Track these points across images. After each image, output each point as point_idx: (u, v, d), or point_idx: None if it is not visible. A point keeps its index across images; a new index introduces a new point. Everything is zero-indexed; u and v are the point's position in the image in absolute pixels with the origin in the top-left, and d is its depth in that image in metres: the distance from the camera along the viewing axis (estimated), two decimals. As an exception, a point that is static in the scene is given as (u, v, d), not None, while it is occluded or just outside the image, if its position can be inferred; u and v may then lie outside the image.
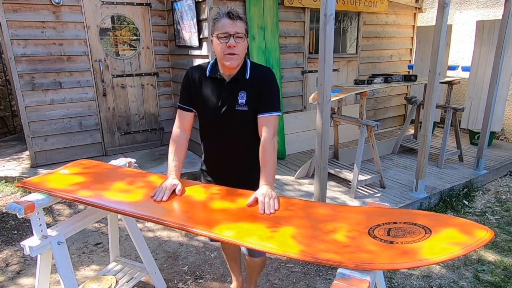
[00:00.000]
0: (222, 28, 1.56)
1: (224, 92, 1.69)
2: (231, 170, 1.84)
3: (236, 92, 1.68)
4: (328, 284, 2.46)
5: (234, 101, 1.68)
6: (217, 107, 1.70)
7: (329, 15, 2.41)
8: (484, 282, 2.48)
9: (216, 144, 1.81)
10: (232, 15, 1.55)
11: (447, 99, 4.36)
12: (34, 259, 2.67)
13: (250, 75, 1.68)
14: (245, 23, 1.61)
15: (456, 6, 5.79)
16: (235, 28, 1.56)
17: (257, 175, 1.69)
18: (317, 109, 2.65)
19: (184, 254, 2.83)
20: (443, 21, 2.95)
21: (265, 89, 1.68)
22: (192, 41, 4.18)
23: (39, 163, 4.36)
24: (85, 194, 1.66)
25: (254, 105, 1.69)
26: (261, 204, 1.49)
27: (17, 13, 3.94)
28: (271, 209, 1.46)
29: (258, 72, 1.71)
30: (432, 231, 1.22)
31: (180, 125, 1.80)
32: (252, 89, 1.68)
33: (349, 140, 5.17)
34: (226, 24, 1.55)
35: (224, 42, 1.56)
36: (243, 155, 1.81)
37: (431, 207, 3.51)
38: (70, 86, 4.38)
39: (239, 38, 1.57)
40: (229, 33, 1.55)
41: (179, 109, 1.80)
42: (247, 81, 1.68)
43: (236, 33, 1.56)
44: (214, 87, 1.70)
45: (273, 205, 1.48)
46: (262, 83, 1.68)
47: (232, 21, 1.55)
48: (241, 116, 1.69)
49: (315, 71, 4.79)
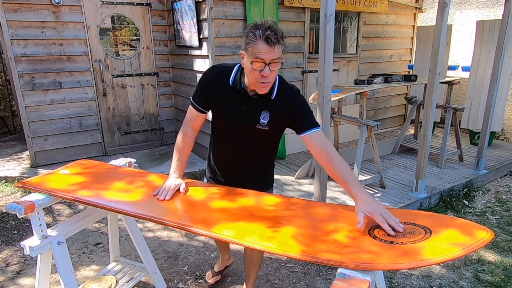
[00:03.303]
0: (257, 53, 1.38)
1: (246, 107, 1.59)
2: (239, 172, 1.80)
3: (259, 110, 1.57)
4: (328, 284, 2.46)
5: (255, 119, 1.58)
6: (237, 120, 1.61)
7: (329, 15, 2.41)
8: (484, 282, 2.48)
9: (228, 154, 1.76)
10: (271, 41, 1.35)
11: (447, 99, 4.36)
12: (34, 259, 2.67)
13: (276, 95, 1.57)
14: (284, 44, 1.42)
15: (456, 6, 5.79)
16: (272, 55, 1.38)
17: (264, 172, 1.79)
18: (317, 109, 2.64)
19: (184, 254, 2.83)
20: (443, 21, 2.95)
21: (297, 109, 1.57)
22: (192, 41, 4.18)
23: (39, 163, 4.36)
24: (85, 194, 1.66)
25: (275, 127, 1.61)
26: (384, 225, 1.25)
27: (17, 13, 3.94)
28: (399, 224, 1.25)
29: (286, 96, 1.58)
30: (433, 231, 1.22)
31: (190, 123, 1.75)
32: (276, 110, 1.57)
33: (349, 140, 5.18)
34: (263, 50, 1.37)
35: (258, 70, 1.41)
36: (255, 161, 1.77)
37: (431, 207, 3.51)
38: (70, 86, 4.38)
39: (275, 64, 1.41)
40: (265, 62, 1.39)
41: (192, 106, 1.71)
42: (272, 101, 1.57)
43: (273, 60, 1.39)
44: (236, 98, 1.59)
45: (396, 219, 1.26)
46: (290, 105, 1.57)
47: (271, 48, 1.36)
48: (260, 134, 1.62)
49: (315, 71, 4.79)
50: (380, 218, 1.26)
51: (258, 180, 1.84)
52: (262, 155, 1.79)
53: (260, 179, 1.85)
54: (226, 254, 2.44)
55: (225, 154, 1.80)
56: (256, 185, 1.73)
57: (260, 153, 1.76)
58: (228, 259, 2.48)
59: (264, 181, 1.89)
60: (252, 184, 1.74)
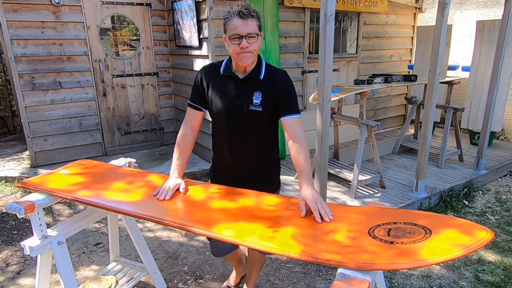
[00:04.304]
0: (233, 29, 1.52)
1: (238, 90, 1.67)
2: (243, 167, 1.80)
3: (251, 92, 1.66)
4: (328, 284, 2.46)
5: (248, 100, 1.66)
6: (231, 104, 1.68)
7: (329, 15, 2.41)
8: (484, 282, 2.48)
9: (229, 143, 1.77)
10: (243, 14, 1.50)
11: (447, 99, 4.36)
12: (34, 259, 2.67)
13: (265, 76, 1.66)
14: (258, 19, 1.55)
15: (456, 6, 5.79)
16: (247, 28, 1.51)
17: (270, 171, 1.82)
18: (317, 109, 2.64)
19: (184, 254, 2.83)
20: (443, 21, 2.95)
21: (284, 94, 1.67)
22: (192, 41, 4.18)
23: (39, 163, 4.36)
24: (85, 194, 1.66)
25: (268, 107, 1.66)
26: (315, 211, 1.40)
27: (17, 13, 3.94)
28: (329, 215, 1.39)
29: (274, 74, 1.68)
30: (433, 231, 1.22)
31: (188, 123, 1.79)
32: (267, 90, 1.65)
33: (349, 140, 5.17)
34: (238, 24, 1.51)
35: (236, 44, 1.53)
36: (256, 153, 1.79)
37: (431, 207, 3.51)
38: (70, 86, 4.38)
39: (252, 38, 1.53)
40: (241, 35, 1.51)
41: (189, 107, 1.78)
42: (262, 82, 1.66)
43: (248, 34, 1.52)
44: (228, 85, 1.68)
45: (328, 211, 1.41)
46: (280, 88, 1.66)
47: (244, 21, 1.50)
48: (255, 116, 1.67)
49: (315, 71, 4.79)
50: (314, 205, 1.41)
51: (264, 180, 1.83)
52: (263, 146, 1.80)
53: (265, 179, 1.84)
54: (240, 267, 2.37)
55: (227, 150, 1.79)
56: (262, 186, 1.71)
57: (260, 143, 1.78)
58: (243, 271, 2.40)
59: (269, 182, 1.86)
60: (258, 184, 1.73)
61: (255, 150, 1.77)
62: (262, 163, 1.82)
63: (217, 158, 1.88)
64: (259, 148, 1.78)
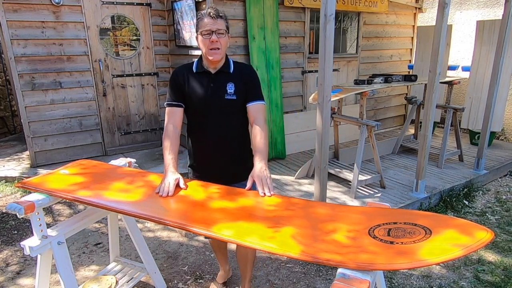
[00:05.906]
0: (205, 26, 1.74)
1: (212, 83, 1.85)
2: (224, 152, 1.93)
3: (224, 83, 1.85)
4: (328, 284, 2.46)
5: (223, 91, 1.84)
6: (207, 97, 1.85)
7: (329, 15, 2.41)
8: (484, 282, 2.48)
9: (209, 133, 1.90)
10: (213, 14, 1.72)
11: (447, 99, 4.36)
12: (34, 259, 2.67)
13: (234, 70, 1.88)
14: (225, 20, 1.78)
15: (456, 6, 5.79)
16: (216, 25, 1.73)
17: (247, 155, 1.94)
18: (317, 109, 2.64)
19: (184, 254, 2.83)
20: (443, 21, 2.95)
21: (252, 83, 1.89)
22: (192, 41, 4.18)
23: (39, 163, 4.36)
24: (85, 194, 1.66)
25: (241, 95, 1.86)
26: (259, 185, 1.64)
27: (17, 13, 3.94)
28: (271, 190, 1.62)
29: (242, 68, 1.92)
30: (433, 231, 1.22)
31: (171, 120, 1.89)
32: (238, 81, 1.86)
33: (349, 140, 5.17)
34: (208, 22, 1.73)
35: (208, 38, 1.74)
36: (234, 139, 1.94)
37: (431, 207, 3.51)
38: (70, 86, 4.38)
39: (221, 34, 1.75)
40: (212, 30, 1.73)
41: (168, 107, 1.92)
42: (232, 75, 1.87)
43: (218, 29, 1.73)
44: (202, 80, 1.86)
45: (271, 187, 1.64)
46: (248, 77, 1.89)
47: (214, 20, 1.73)
48: (231, 104, 1.85)
49: (315, 71, 4.79)
50: (258, 181, 1.66)
51: (244, 164, 1.94)
52: (240, 131, 1.95)
53: (244, 162, 1.95)
54: (227, 265, 2.47)
55: (207, 140, 1.92)
56: (244, 170, 1.86)
57: (237, 128, 1.93)
58: (229, 270, 2.50)
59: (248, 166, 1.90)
60: (239, 167, 1.92)
61: (233, 135, 1.93)
62: (240, 147, 1.98)
63: (196, 150, 1.98)
64: (237, 133, 1.94)
